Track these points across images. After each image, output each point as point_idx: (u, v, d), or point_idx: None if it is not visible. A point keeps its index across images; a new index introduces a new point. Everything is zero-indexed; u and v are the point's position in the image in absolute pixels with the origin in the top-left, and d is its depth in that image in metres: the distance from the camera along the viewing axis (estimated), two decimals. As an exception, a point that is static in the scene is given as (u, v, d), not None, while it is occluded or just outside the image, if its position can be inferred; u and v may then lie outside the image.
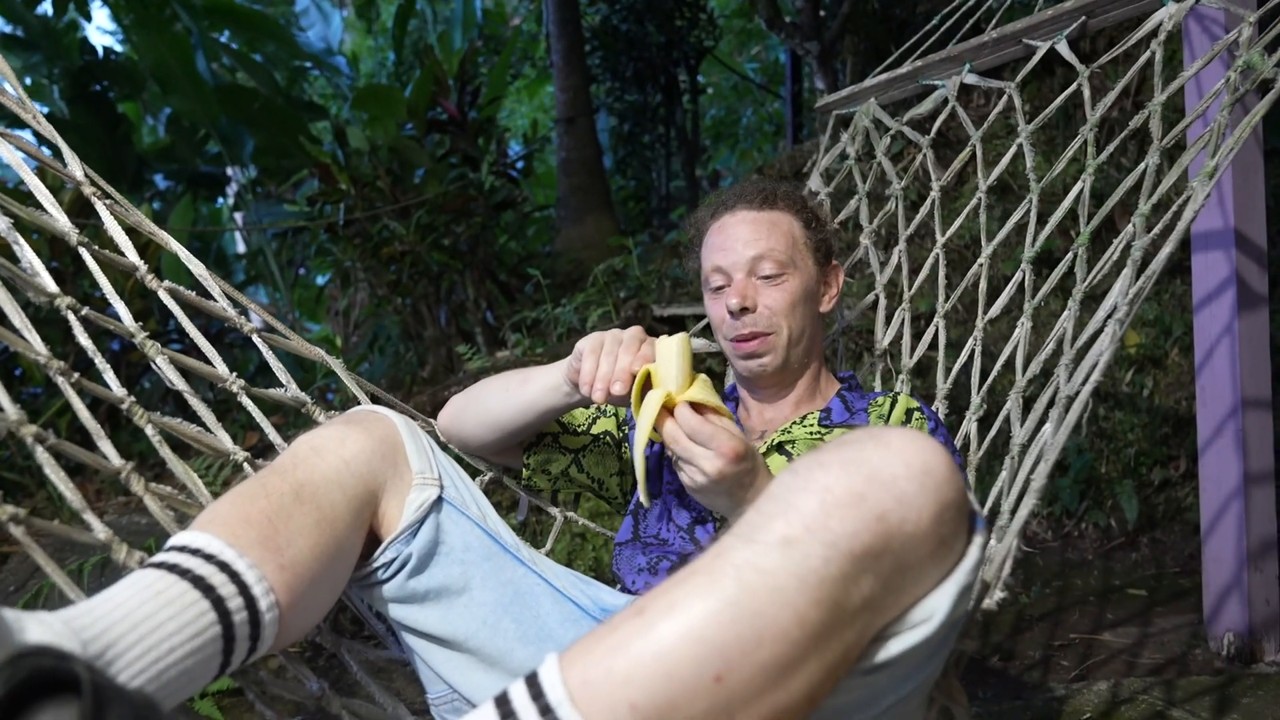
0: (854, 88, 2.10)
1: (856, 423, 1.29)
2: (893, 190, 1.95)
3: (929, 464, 0.66)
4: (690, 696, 0.58)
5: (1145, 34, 1.63)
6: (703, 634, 0.59)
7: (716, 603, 0.60)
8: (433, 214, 4.21)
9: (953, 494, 0.66)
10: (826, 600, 0.61)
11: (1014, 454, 1.34)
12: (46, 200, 1.10)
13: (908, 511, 0.64)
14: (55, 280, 1.05)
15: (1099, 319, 1.30)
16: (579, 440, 1.35)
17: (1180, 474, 2.93)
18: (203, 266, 1.22)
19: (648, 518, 1.30)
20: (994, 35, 1.83)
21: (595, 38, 6.78)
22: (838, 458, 0.66)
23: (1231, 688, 1.83)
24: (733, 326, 1.28)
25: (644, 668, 0.59)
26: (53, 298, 1.02)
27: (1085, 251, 1.54)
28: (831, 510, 0.63)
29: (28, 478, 3.14)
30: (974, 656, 2.14)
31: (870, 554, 0.63)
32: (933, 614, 0.67)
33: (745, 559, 0.62)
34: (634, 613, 0.62)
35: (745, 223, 1.31)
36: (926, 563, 0.66)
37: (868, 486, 0.64)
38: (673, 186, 7.42)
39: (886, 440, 0.67)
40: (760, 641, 0.59)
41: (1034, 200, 1.69)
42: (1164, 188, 1.39)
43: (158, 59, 5.59)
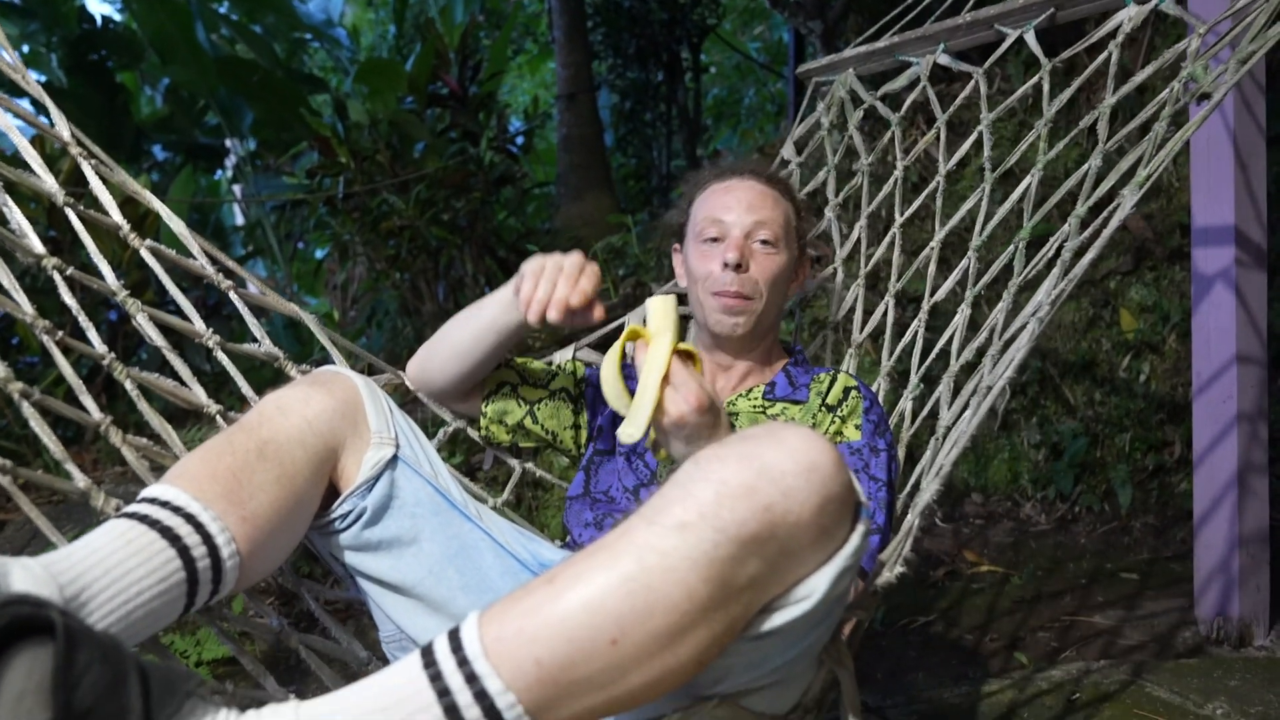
0: (834, 57, 2.10)
1: (798, 398, 1.36)
2: (860, 165, 1.98)
3: (816, 461, 0.73)
4: (588, 656, 0.68)
5: (1105, 33, 1.64)
6: (602, 604, 0.68)
7: (616, 577, 0.69)
8: (432, 189, 4.19)
9: (836, 488, 0.74)
10: (715, 579, 0.70)
11: (938, 435, 1.40)
12: (35, 162, 1.13)
13: (792, 503, 0.72)
14: (52, 250, 1.08)
15: (1025, 314, 1.36)
16: (536, 393, 1.41)
17: (1175, 460, 2.94)
18: (183, 224, 1.27)
19: (598, 473, 1.38)
20: (968, 18, 1.85)
21: (598, 14, 6.73)
22: (735, 452, 0.74)
23: (1219, 671, 1.84)
24: (722, 280, 1.33)
25: (549, 629, 0.68)
26: (40, 258, 1.05)
27: (1023, 245, 1.59)
28: (724, 500, 0.71)
29: (24, 446, 3.15)
30: (964, 638, 2.16)
31: (756, 540, 0.71)
32: (813, 592, 0.75)
33: (645, 540, 0.70)
34: (545, 580, 0.71)
35: (753, 190, 1.39)
36: (808, 548, 0.74)
37: (758, 480, 0.72)
38: (673, 165, 7.38)
39: (781, 437, 0.75)
40: (652, 612, 0.68)
41: (986, 189, 1.73)
42: (1101, 191, 1.43)
43: (157, 28, 5.54)
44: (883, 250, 1.88)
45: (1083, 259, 1.25)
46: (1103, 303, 3.24)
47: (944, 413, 1.46)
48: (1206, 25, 1.48)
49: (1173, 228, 3.23)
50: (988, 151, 1.76)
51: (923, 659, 2.06)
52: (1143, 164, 1.34)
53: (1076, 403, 3.12)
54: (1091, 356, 3.16)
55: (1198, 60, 1.40)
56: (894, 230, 1.87)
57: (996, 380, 1.21)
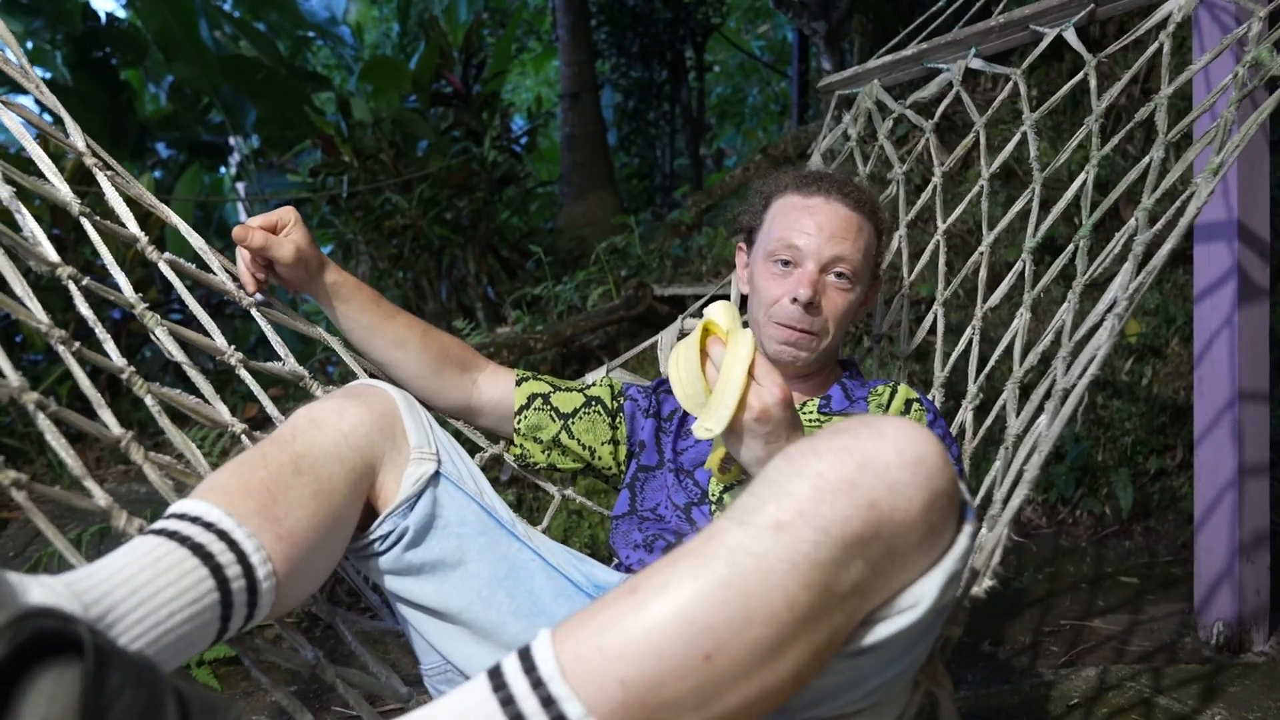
0: (857, 68, 2.07)
1: (855, 411, 1.29)
2: (895, 174, 1.94)
3: (921, 453, 0.67)
4: (680, 674, 0.60)
5: (1154, 24, 1.62)
6: (693, 614, 0.61)
7: (708, 583, 0.62)
8: (435, 188, 4.19)
9: (944, 484, 0.68)
10: (816, 584, 0.63)
11: (1009, 443, 1.33)
12: (48, 169, 1.10)
13: (899, 499, 0.65)
14: (57, 248, 1.05)
15: (1099, 311, 1.30)
16: (570, 402, 1.34)
17: (1176, 463, 2.94)
18: (202, 241, 1.22)
19: (644, 490, 1.30)
20: (1000, 20, 1.81)
21: (601, 12, 6.73)
22: (832, 445, 0.67)
23: (1219, 677, 1.84)
24: (789, 313, 1.25)
25: (635, 645, 0.60)
26: (54, 267, 1.02)
27: (1086, 242, 1.54)
28: (824, 496, 0.64)
29: (28, 444, 3.15)
30: (963, 640, 2.16)
31: (860, 540, 0.64)
32: (920, 600, 0.68)
33: (737, 541, 0.63)
34: (627, 590, 0.63)
35: (838, 214, 1.28)
36: (915, 550, 0.67)
37: (860, 474, 0.65)
38: (676, 165, 7.39)
39: (881, 429, 0.68)
40: (750, 622, 0.61)
41: (1036, 189, 1.68)
42: (1168, 182, 1.38)
43: (161, 26, 5.55)
44: (927, 256, 1.83)
45: (1161, 250, 1.20)
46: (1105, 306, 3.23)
47: (1011, 420, 1.39)
48: (1267, 8, 1.44)
49: (1176, 231, 3.22)
50: (1034, 152, 1.70)
51: (923, 661, 2.06)
52: (1214, 150, 1.29)
53: (1078, 406, 3.12)
54: (1093, 359, 3.16)
55: (1262, 43, 1.37)
56: (938, 235, 1.82)
57: (1074, 381, 1.15)
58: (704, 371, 0.93)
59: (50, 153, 1.79)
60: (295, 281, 1.22)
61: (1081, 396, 1.11)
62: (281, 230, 1.19)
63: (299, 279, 1.22)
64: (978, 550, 0.97)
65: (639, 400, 1.38)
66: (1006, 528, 0.97)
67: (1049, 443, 1.06)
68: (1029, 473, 1.01)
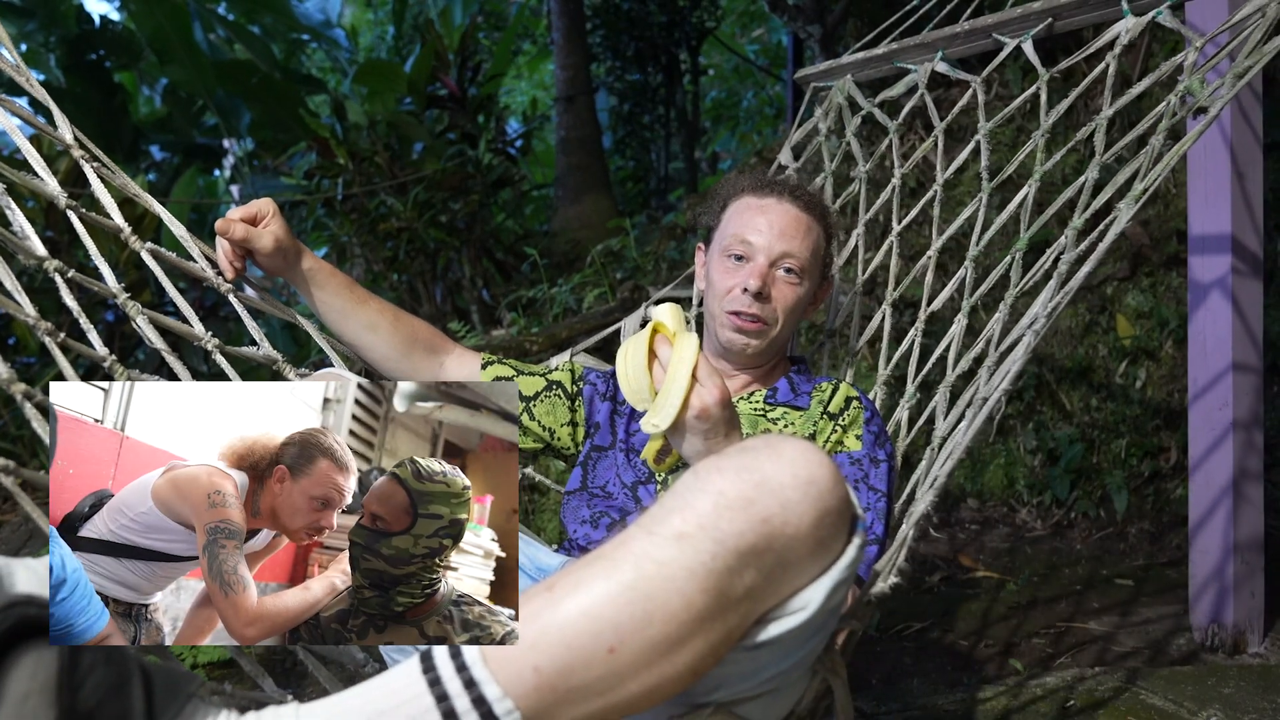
0: (831, 63, 2.10)
1: (800, 404, 1.39)
2: (858, 172, 1.97)
3: (815, 474, 0.74)
4: (587, 664, 0.68)
5: (1103, 44, 1.64)
6: (600, 612, 0.69)
7: (615, 585, 0.69)
8: (430, 191, 4.19)
9: (834, 502, 0.75)
10: (712, 589, 0.70)
11: (934, 445, 1.40)
12: (37, 164, 1.13)
13: (790, 516, 0.73)
14: (49, 248, 1.07)
15: (1021, 326, 1.36)
16: (532, 386, 1.42)
17: (1171, 466, 2.94)
18: (184, 229, 1.28)
19: (596, 468, 1.38)
20: (966, 26, 1.84)
21: (597, 16, 6.74)
22: (734, 463, 0.75)
23: (1214, 678, 1.85)
24: (740, 301, 1.34)
25: (548, 636, 0.68)
26: (41, 261, 1.05)
27: (1020, 256, 1.59)
28: (723, 511, 0.71)
29: (20, 447, 3.14)
30: (959, 644, 2.16)
31: (754, 551, 0.71)
32: (809, 603, 0.76)
33: (644, 549, 0.71)
34: (544, 588, 0.71)
35: (788, 214, 1.38)
36: (805, 560, 0.75)
37: (757, 492, 0.72)
38: (671, 168, 7.39)
39: (780, 450, 0.75)
40: (650, 621, 0.69)
41: (983, 199, 1.73)
42: (1097, 204, 1.43)
43: (155, 29, 5.54)
44: (880, 257, 1.88)
45: (1079, 271, 1.25)
46: (1099, 309, 3.24)
47: (939, 423, 1.46)
48: (1203, 39, 1.48)
49: (1169, 234, 3.23)
50: (985, 160, 1.76)
51: (918, 665, 2.06)
52: (1139, 177, 1.34)
53: (1073, 408, 3.13)
54: (1088, 362, 3.17)
55: (1194, 74, 1.40)
56: (891, 237, 1.87)
57: (992, 392, 1.22)
58: (650, 370, 0.99)
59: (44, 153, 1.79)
60: (274, 269, 1.30)
61: (998, 407, 1.16)
62: (261, 222, 1.27)
63: (277, 266, 1.29)
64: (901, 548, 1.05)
65: (597, 385, 1.46)
66: (911, 528, 1.05)
67: (961, 449, 1.12)
68: (940, 477, 1.08)
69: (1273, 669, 1.91)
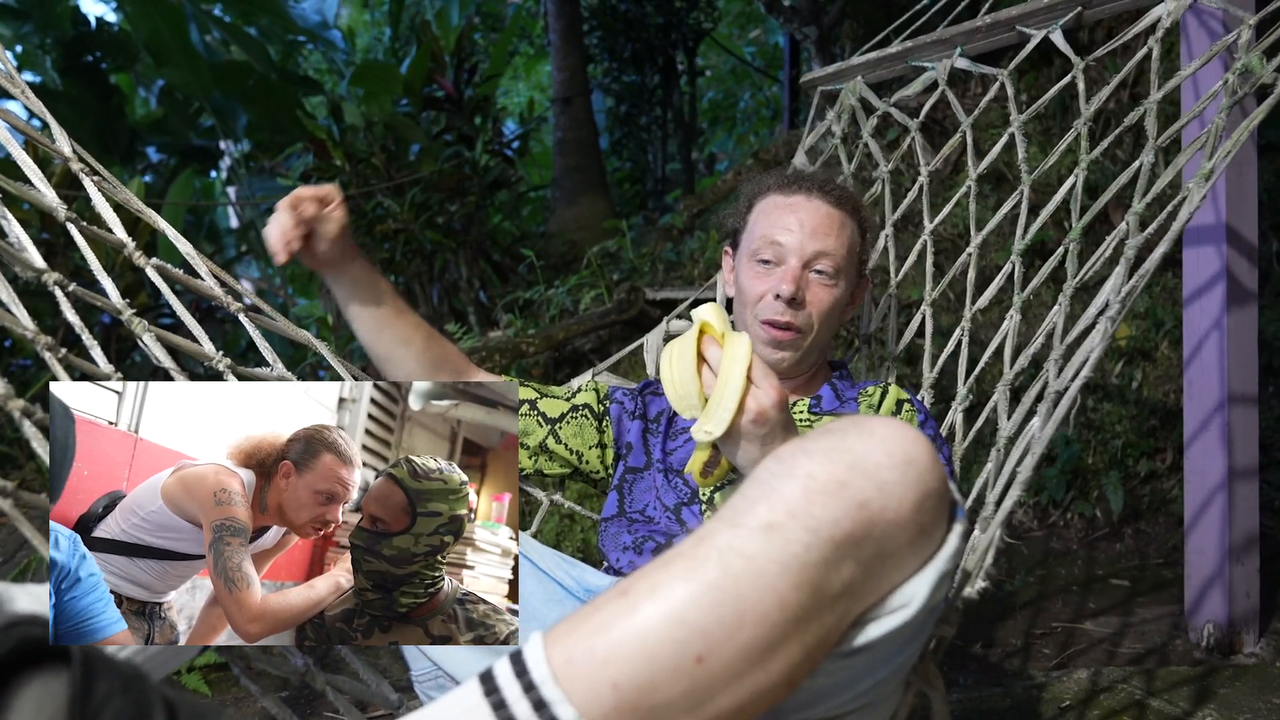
0: (840, 64, 2.06)
1: (845, 411, 1.29)
2: (880, 173, 1.93)
3: (911, 453, 0.67)
4: (671, 677, 0.60)
5: (1143, 29, 1.62)
6: (685, 616, 0.61)
7: (699, 586, 0.61)
8: (427, 192, 4.19)
9: (934, 483, 0.68)
10: (807, 585, 0.62)
11: (1000, 445, 1.34)
12: (34, 175, 1.10)
13: (889, 499, 0.65)
14: (45, 255, 1.05)
15: (1090, 315, 1.30)
16: (557, 408, 1.35)
17: (1166, 466, 2.95)
18: (190, 246, 1.22)
19: (633, 492, 1.30)
20: (987, 20, 1.81)
21: (593, 17, 6.74)
22: (822, 445, 0.67)
23: (1210, 679, 1.85)
24: (774, 309, 1.25)
25: (626, 648, 0.60)
26: (40, 273, 1.02)
27: (1077, 246, 1.54)
28: (814, 496, 0.64)
29: (16, 450, 3.14)
30: (956, 643, 2.16)
31: (851, 540, 0.64)
32: (911, 600, 0.68)
33: (728, 543, 0.63)
34: (618, 594, 0.63)
35: (819, 212, 1.28)
36: (906, 550, 0.67)
37: (850, 474, 0.65)
38: (668, 169, 7.39)
39: (870, 429, 0.68)
40: (741, 624, 0.61)
41: (1025, 191, 1.68)
42: (1158, 187, 1.38)
43: (151, 30, 5.54)
44: (914, 257, 1.82)
45: (1153, 254, 1.20)
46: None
47: (1003, 421, 1.39)
48: (1256, 16, 1.44)
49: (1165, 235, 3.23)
50: (1021, 153, 1.71)
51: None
52: (1205, 156, 1.30)
53: (1068, 413, 3.13)
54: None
55: (1251, 51, 1.38)
56: (925, 236, 1.81)
57: (1067, 383, 1.16)
58: (699, 373, 0.92)
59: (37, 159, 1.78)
60: (327, 260, 1.20)
61: (1075, 399, 1.11)
62: (329, 205, 1.18)
63: (332, 258, 1.20)
64: (970, 551, 0.97)
65: (625, 403, 1.39)
66: (999, 529, 0.97)
67: (1042, 445, 1.06)
68: (1022, 474, 1.01)
69: (1268, 669, 1.91)
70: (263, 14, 6.83)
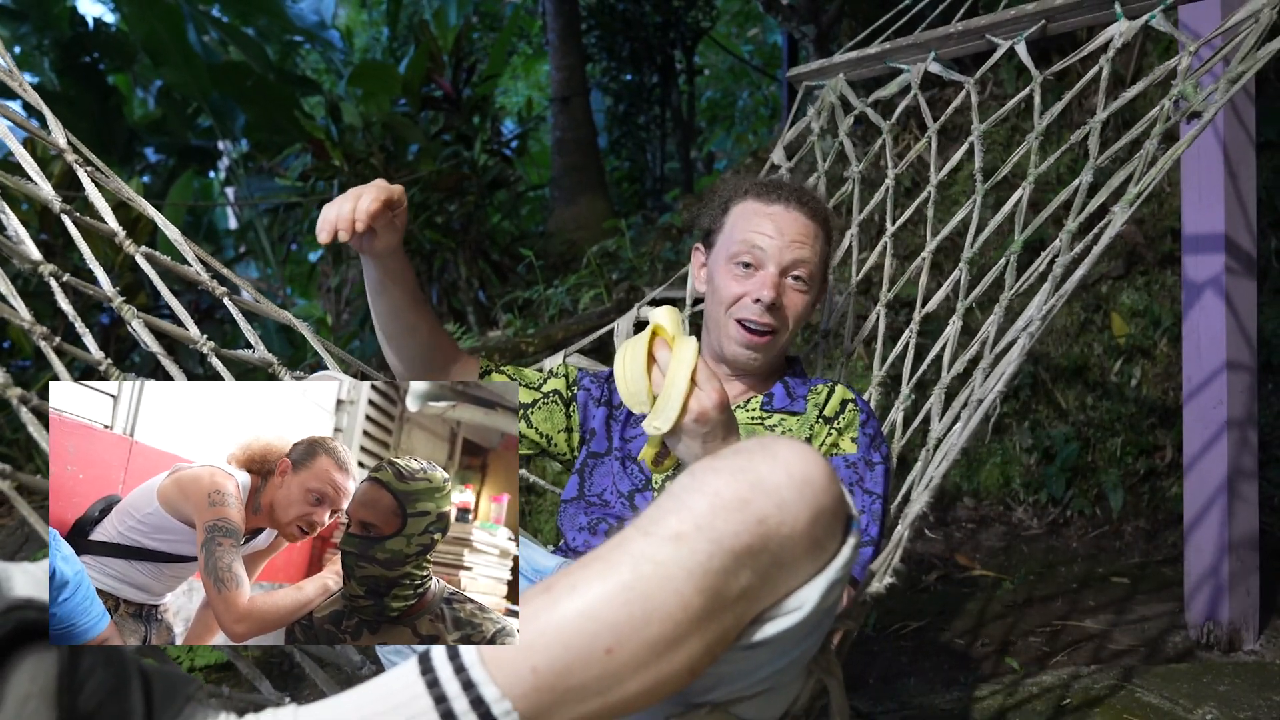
0: (823, 61, 2.10)
1: (796, 409, 1.38)
2: (851, 172, 1.97)
3: (810, 474, 0.75)
4: (584, 664, 0.69)
5: (1096, 47, 1.65)
6: (598, 612, 0.69)
7: (612, 586, 0.70)
8: (426, 192, 4.19)
9: (829, 501, 0.76)
10: (709, 589, 0.71)
11: (928, 447, 1.41)
12: (31, 169, 1.13)
13: (786, 515, 0.73)
14: (44, 252, 1.08)
15: (1016, 328, 1.36)
16: (529, 395, 1.43)
17: (1166, 464, 2.95)
18: (178, 233, 1.28)
19: (593, 476, 1.38)
20: (960, 27, 1.84)
21: (592, 16, 6.73)
22: (730, 465, 0.75)
23: (1209, 676, 1.85)
24: (752, 310, 1.33)
25: (545, 637, 0.69)
26: (36, 265, 1.06)
27: (1015, 259, 1.59)
28: (719, 511, 0.72)
29: (15, 450, 3.14)
30: (955, 642, 2.17)
31: (750, 551, 0.72)
32: (804, 603, 0.77)
33: (641, 550, 0.71)
34: (542, 589, 0.72)
35: (797, 221, 1.36)
36: (801, 560, 0.76)
37: (752, 492, 0.73)
38: (667, 168, 7.39)
39: (775, 451, 0.76)
40: (649, 621, 0.69)
41: (977, 200, 1.73)
42: (1093, 206, 1.43)
43: (149, 31, 5.54)
44: (874, 257, 1.88)
45: (1074, 274, 1.26)
46: (1094, 307, 3.25)
47: (935, 424, 1.47)
48: (1197, 44, 1.48)
49: (1164, 233, 3.24)
50: (979, 161, 1.76)
51: (914, 664, 2.07)
52: (1134, 181, 1.35)
53: (1068, 407, 3.14)
54: (1083, 361, 3.18)
55: (1189, 78, 1.41)
56: (886, 238, 1.87)
57: (987, 394, 1.22)
58: (649, 373, 1.00)
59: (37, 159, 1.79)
60: (382, 245, 1.23)
61: (992, 409, 1.17)
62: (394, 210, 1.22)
63: (388, 245, 1.24)
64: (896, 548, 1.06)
65: (591, 389, 1.46)
66: (907, 529, 1.05)
67: (956, 451, 1.13)
68: (934, 479, 1.08)
69: (1268, 666, 1.91)
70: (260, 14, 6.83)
